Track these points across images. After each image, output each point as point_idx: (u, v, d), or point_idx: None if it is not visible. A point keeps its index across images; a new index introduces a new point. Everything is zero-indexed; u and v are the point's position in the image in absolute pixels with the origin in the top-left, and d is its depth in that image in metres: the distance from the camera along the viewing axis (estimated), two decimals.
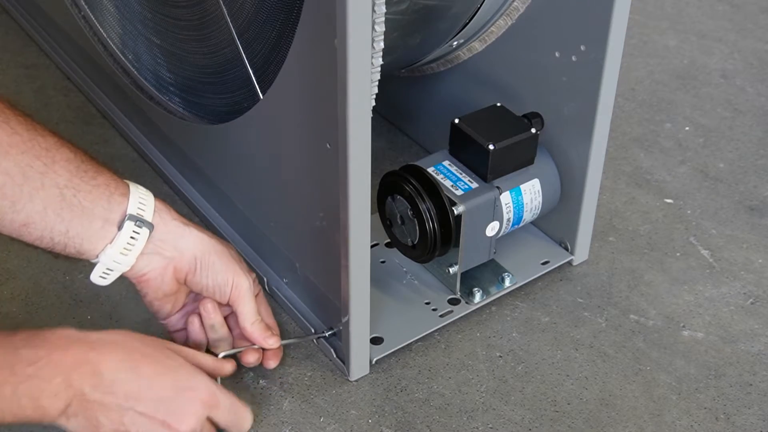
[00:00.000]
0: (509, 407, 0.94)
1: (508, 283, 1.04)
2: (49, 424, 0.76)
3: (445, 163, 1.00)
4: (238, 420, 0.86)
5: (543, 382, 0.97)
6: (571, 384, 0.96)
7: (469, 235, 0.98)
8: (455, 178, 0.98)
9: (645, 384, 0.97)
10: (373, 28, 0.77)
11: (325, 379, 0.96)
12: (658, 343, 1.01)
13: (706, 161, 1.26)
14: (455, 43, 1.06)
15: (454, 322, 1.01)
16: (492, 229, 1.00)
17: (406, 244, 1.00)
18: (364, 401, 0.94)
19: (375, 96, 0.84)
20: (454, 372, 0.97)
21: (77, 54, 1.31)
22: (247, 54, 0.95)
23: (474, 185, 0.98)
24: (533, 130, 0.99)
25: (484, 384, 0.96)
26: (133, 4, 1.09)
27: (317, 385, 0.96)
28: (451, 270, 1.01)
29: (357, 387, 0.96)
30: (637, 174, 1.23)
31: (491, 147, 0.96)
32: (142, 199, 0.86)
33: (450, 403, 0.94)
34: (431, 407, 0.94)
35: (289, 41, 0.84)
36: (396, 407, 0.94)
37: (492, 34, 1.04)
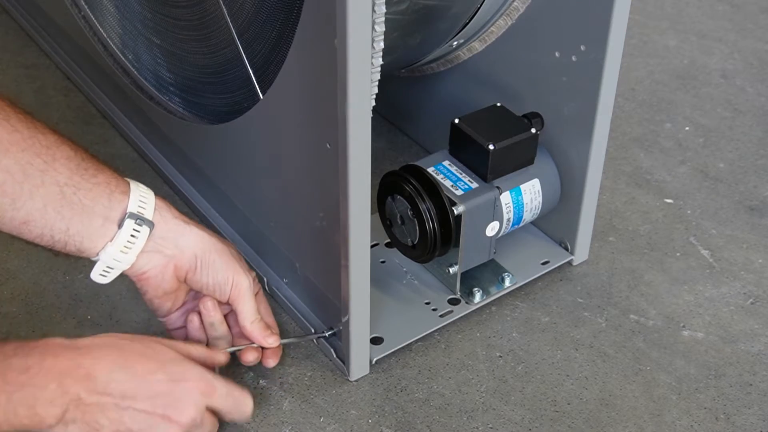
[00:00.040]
0: (509, 407, 0.94)
1: (508, 283, 1.04)
2: None
3: (445, 163, 1.00)
4: (237, 405, 0.85)
5: (543, 382, 0.97)
6: (571, 384, 0.96)
7: (469, 235, 0.98)
8: (455, 178, 0.98)
9: (645, 384, 0.97)
10: (373, 28, 0.77)
11: (325, 379, 0.96)
12: (658, 343, 1.01)
13: (706, 161, 1.26)
14: (455, 43, 1.06)
15: (454, 322, 1.01)
16: (492, 229, 1.00)
17: (406, 244, 1.00)
18: (364, 401, 0.94)
19: (375, 96, 0.84)
20: (454, 372, 0.97)
21: (77, 54, 1.31)
22: (247, 54, 0.95)
23: (474, 185, 0.98)
24: (533, 130, 0.99)
25: (484, 384, 0.96)
26: (133, 4, 1.09)
27: (317, 385, 0.96)
28: (451, 270, 1.01)
29: (357, 387, 0.96)
30: (637, 174, 1.23)
31: (491, 147, 0.96)
32: (142, 197, 0.86)
33: (450, 403, 0.94)
34: (431, 407, 0.94)
35: (289, 41, 0.84)
36: (396, 407, 0.94)
37: (492, 34, 1.04)
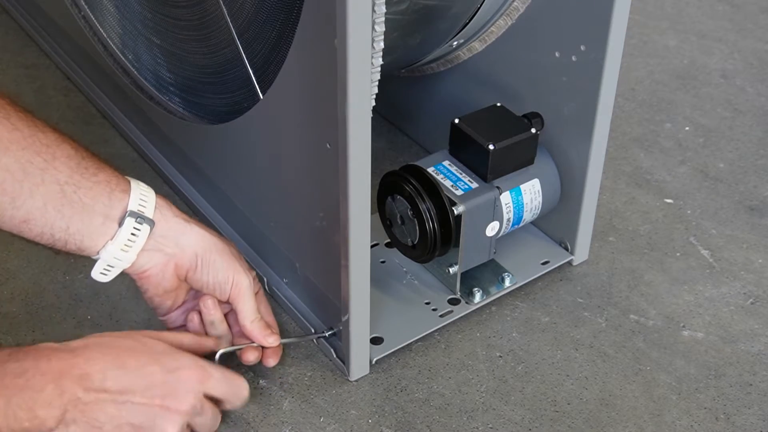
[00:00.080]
0: (509, 407, 0.94)
1: (508, 283, 1.04)
2: None
3: (445, 163, 1.00)
4: (234, 389, 0.85)
5: (543, 382, 0.96)
6: (571, 384, 0.96)
7: (469, 235, 0.98)
8: (455, 178, 0.98)
9: (645, 384, 0.97)
10: (373, 28, 0.77)
11: (325, 379, 0.96)
12: (658, 343, 1.01)
13: (706, 161, 1.26)
14: (455, 43, 1.06)
15: (454, 322, 1.01)
16: (492, 229, 1.00)
17: (406, 244, 1.00)
18: (364, 401, 0.94)
19: (375, 96, 0.84)
20: (454, 372, 0.97)
21: (77, 54, 1.31)
22: (247, 54, 0.95)
23: (474, 185, 0.98)
24: (533, 130, 0.99)
25: (484, 384, 0.96)
26: (133, 4, 1.09)
27: (317, 385, 0.96)
28: (451, 270, 1.01)
29: (357, 387, 0.96)
30: (637, 174, 1.23)
31: (491, 147, 0.96)
32: (143, 196, 0.86)
33: (450, 403, 0.94)
34: (431, 407, 0.94)
35: (289, 41, 0.84)
36: (396, 407, 0.94)
37: (492, 34, 1.04)
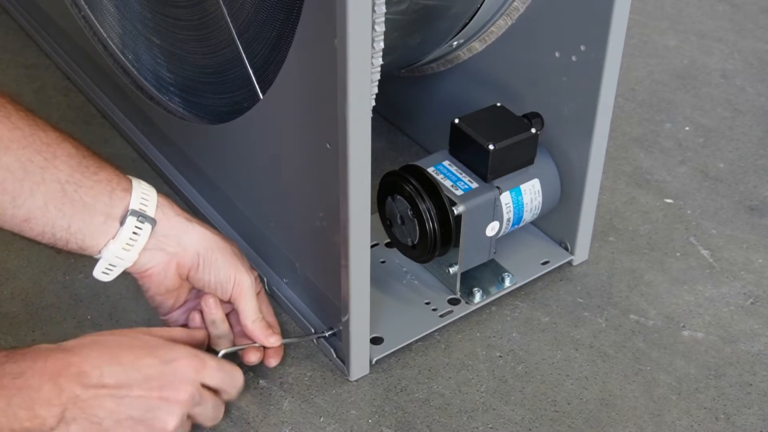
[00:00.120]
0: (509, 407, 0.94)
1: (508, 283, 1.04)
2: None
3: (445, 163, 1.00)
4: (230, 378, 0.86)
5: (543, 382, 0.96)
6: (571, 384, 0.96)
7: (469, 235, 0.98)
8: (455, 178, 0.98)
9: (645, 384, 0.97)
10: (373, 28, 0.77)
11: (325, 379, 0.96)
12: (658, 343, 1.01)
13: (706, 161, 1.26)
14: (455, 43, 1.06)
15: (454, 322, 1.01)
16: (492, 229, 1.00)
17: (406, 244, 1.00)
18: (364, 401, 0.94)
19: (375, 96, 0.84)
20: (454, 372, 0.97)
21: (77, 54, 1.31)
22: (247, 54, 0.95)
23: (474, 185, 0.98)
24: (533, 130, 0.99)
25: (484, 384, 0.96)
26: (133, 4, 1.09)
27: (317, 385, 0.96)
28: (451, 270, 1.01)
29: (357, 387, 0.96)
30: (637, 174, 1.23)
31: (491, 147, 0.96)
32: (144, 195, 0.86)
33: (450, 403, 0.94)
34: (431, 407, 0.94)
35: (289, 41, 0.84)
36: (396, 407, 0.94)
37: (492, 34, 1.04)
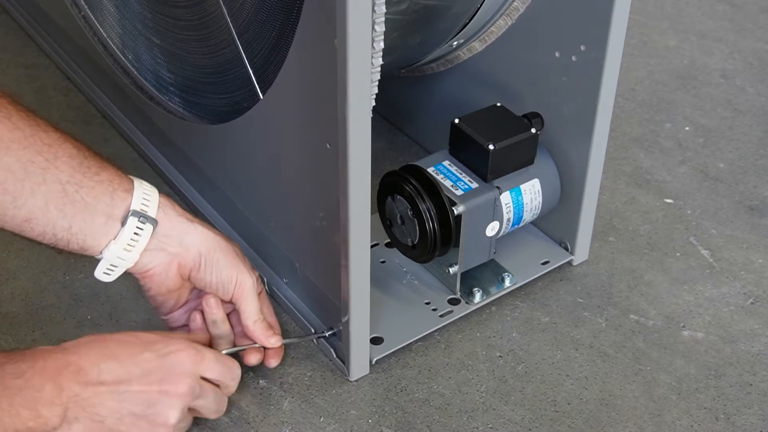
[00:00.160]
0: (509, 407, 0.94)
1: (508, 283, 1.04)
2: None
3: (445, 163, 1.00)
4: (228, 371, 0.86)
5: (543, 382, 0.96)
6: (571, 384, 0.96)
7: (469, 235, 0.98)
8: (455, 178, 0.98)
9: (645, 384, 0.97)
10: (373, 28, 0.77)
11: (325, 379, 0.96)
12: (658, 343, 1.01)
13: (706, 161, 1.26)
14: (455, 43, 1.06)
15: (454, 322, 1.01)
16: (492, 229, 1.00)
17: (406, 244, 1.00)
18: (364, 401, 0.94)
19: (375, 96, 0.84)
20: (454, 372, 0.97)
21: (77, 54, 1.31)
22: (247, 54, 0.95)
23: (474, 185, 0.98)
24: (533, 130, 0.99)
25: (484, 384, 0.96)
26: (133, 4, 1.09)
27: (317, 385, 0.96)
28: (451, 270, 1.01)
29: (357, 387, 0.96)
30: (637, 174, 1.23)
31: (491, 147, 0.96)
32: (146, 195, 0.86)
33: (450, 403, 0.94)
34: (431, 407, 0.94)
35: (289, 41, 0.84)
36: (396, 407, 0.94)
37: (492, 34, 1.04)
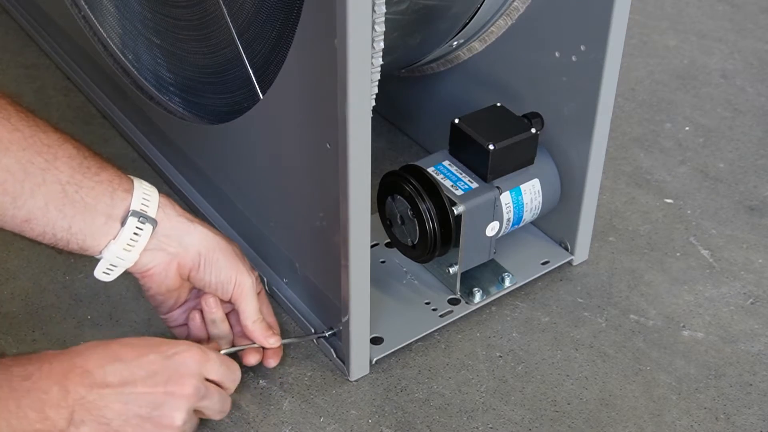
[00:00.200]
0: (509, 407, 0.94)
1: (508, 283, 1.04)
2: None
3: (445, 163, 1.00)
4: (230, 372, 0.86)
5: (543, 382, 0.96)
6: (571, 384, 0.96)
7: (469, 235, 0.98)
8: (455, 178, 0.98)
9: (645, 384, 0.97)
10: (373, 28, 0.77)
11: (325, 379, 0.96)
12: (658, 343, 1.01)
13: (706, 161, 1.26)
14: (455, 43, 1.06)
15: (454, 322, 1.01)
16: (492, 229, 1.00)
17: (406, 244, 1.00)
18: (364, 401, 0.94)
19: (375, 96, 0.84)
20: (454, 372, 0.97)
21: (77, 54, 1.31)
22: (247, 54, 0.95)
23: (474, 185, 0.98)
24: (533, 130, 0.99)
25: (484, 384, 0.96)
26: (133, 4, 1.09)
27: (317, 385, 0.96)
28: (451, 270, 1.01)
29: (357, 387, 0.96)
30: (637, 174, 1.23)
31: (491, 147, 0.96)
32: (146, 195, 0.86)
33: (450, 403, 0.94)
34: (431, 407, 0.94)
35: (289, 41, 0.84)
36: (396, 407, 0.94)
37: (492, 34, 1.04)
